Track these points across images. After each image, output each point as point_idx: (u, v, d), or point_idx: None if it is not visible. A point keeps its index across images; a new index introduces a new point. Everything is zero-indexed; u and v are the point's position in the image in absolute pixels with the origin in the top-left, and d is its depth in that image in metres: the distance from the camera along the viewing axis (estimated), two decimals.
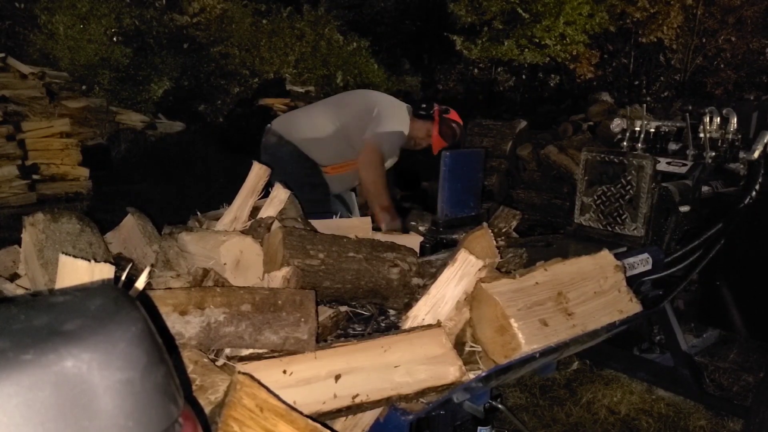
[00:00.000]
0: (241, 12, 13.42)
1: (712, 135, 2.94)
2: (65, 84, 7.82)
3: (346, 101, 3.13)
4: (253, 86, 12.52)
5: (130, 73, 11.05)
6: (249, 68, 12.93)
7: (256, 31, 13.49)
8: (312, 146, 2.93)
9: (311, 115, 3.03)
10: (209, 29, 12.82)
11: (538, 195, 6.33)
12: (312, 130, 2.93)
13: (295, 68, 13.64)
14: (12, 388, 0.52)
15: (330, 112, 2.99)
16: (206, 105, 11.99)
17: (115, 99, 10.36)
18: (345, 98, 3.21)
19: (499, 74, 15.32)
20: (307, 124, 2.96)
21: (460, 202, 2.39)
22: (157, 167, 8.36)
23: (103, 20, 11.21)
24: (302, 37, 13.99)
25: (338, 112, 2.98)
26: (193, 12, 12.94)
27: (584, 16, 12.19)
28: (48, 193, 6.60)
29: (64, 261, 1.10)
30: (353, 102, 3.05)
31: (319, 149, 2.94)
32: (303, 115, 3.09)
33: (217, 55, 12.55)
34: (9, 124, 6.36)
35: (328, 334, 1.53)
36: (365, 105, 2.96)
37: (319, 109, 3.10)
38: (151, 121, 10.06)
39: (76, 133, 7.24)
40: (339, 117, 2.96)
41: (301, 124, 2.97)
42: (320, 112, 3.05)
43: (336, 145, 2.94)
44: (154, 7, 12.47)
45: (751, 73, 13.16)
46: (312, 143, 2.92)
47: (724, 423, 2.85)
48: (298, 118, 3.07)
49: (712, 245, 2.67)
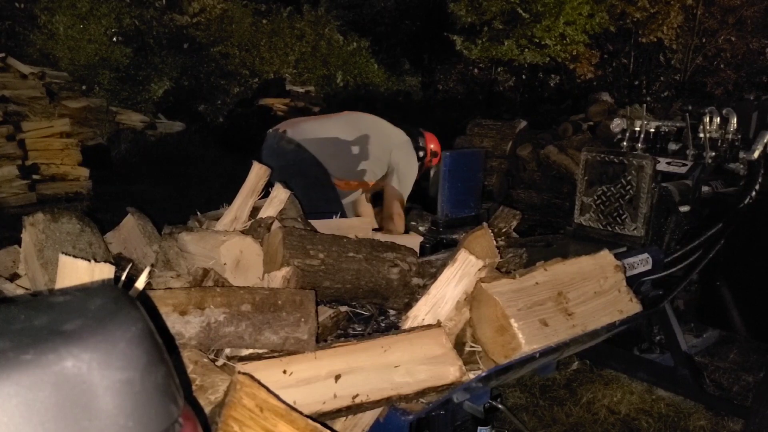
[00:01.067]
0: (241, 12, 13.43)
1: (712, 135, 2.94)
2: (65, 84, 7.82)
3: (363, 127, 3.22)
4: (253, 86, 12.53)
5: (130, 73, 11.07)
6: (249, 68, 12.94)
7: (256, 31, 13.50)
8: (329, 159, 3.05)
9: (327, 130, 3.13)
10: (209, 29, 12.83)
11: (538, 195, 6.33)
12: (329, 145, 3.05)
13: (295, 68, 13.65)
14: (12, 388, 0.52)
15: (347, 133, 3.12)
16: (206, 105, 12.00)
17: (115, 99, 10.37)
18: (361, 123, 3.27)
19: (499, 74, 15.32)
20: (324, 136, 3.08)
21: (460, 202, 2.39)
22: (157, 167, 8.37)
23: (103, 20, 11.22)
24: (302, 37, 14.01)
25: (356, 136, 3.13)
26: (193, 12, 12.95)
27: (584, 16, 12.19)
28: (48, 193, 6.59)
29: (64, 261, 1.10)
30: (373, 134, 3.19)
31: (335, 163, 3.06)
32: (319, 128, 3.16)
33: (217, 55, 12.56)
34: (9, 124, 6.35)
35: (328, 334, 1.53)
36: (383, 145, 3.16)
37: (337, 126, 3.19)
38: (151, 121, 10.06)
39: (76, 133, 7.24)
40: (357, 142, 3.12)
41: (319, 135, 3.07)
42: (338, 129, 3.15)
43: (349, 164, 3.09)
44: (154, 7, 12.48)
45: (751, 73, 13.15)
46: (329, 157, 3.04)
47: (724, 423, 2.85)
48: (316, 130, 3.13)
49: (712, 245, 2.67)
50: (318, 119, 3.49)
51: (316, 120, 3.41)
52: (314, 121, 3.30)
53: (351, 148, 3.09)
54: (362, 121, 3.28)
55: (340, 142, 3.08)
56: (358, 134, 3.12)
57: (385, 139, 3.18)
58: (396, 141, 3.22)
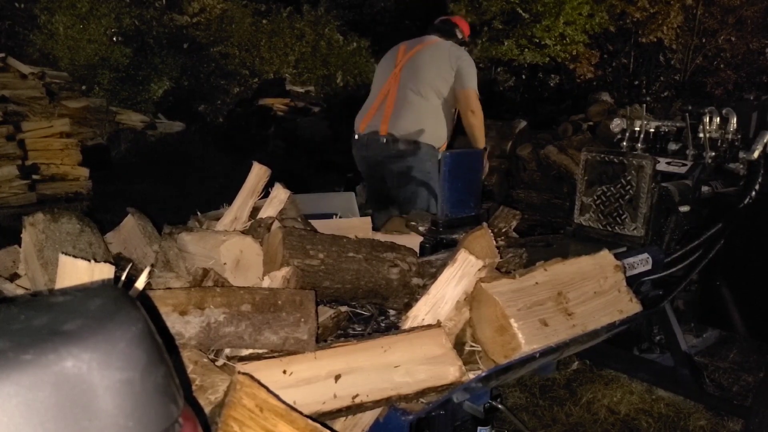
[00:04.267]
0: (241, 12, 13.43)
1: (712, 135, 2.94)
2: (65, 84, 7.81)
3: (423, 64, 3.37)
4: (253, 86, 12.53)
5: (130, 73, 11.06)
6: (249, 68, 12.94)
7: (256, 31, 13.50)
8: (434, 133, 3.24)
9: (414, 107, 3.27)
10: (209, 29, 12.83)
11: (538, 195, 6.33)
12: (427, 119, 3.24)
13: (295, 68, 13.65)
14: (12, 388, 0.52)
15: (423, 90, 3.28)
16: (206, 105, 12.00)
17: (115, 99, 10.37)
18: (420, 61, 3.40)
19: (499, 74, 15.31)
20: (418, 116, 3.25)
21: (460, 202, 2.38)
22: (157, 167, 8.36)
23: (103, 20, 11.22)
24: (302, 37, 14.00)
25: (427, 84, 3.30)
26: (193, 12, 12.95)
27: (584, 16, 12.19)
28: (48, 193, 6.58)
29: (64, 261, 1.10)
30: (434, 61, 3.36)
31: (439, 132, 3.27)
32: (408, 112, 3.27)
33: (217, 55, 12.56)
34: (9, 124, 6.34)
35: (329, 334, 1.53)
36: (448, 60, 3.35)
37: (414, 96, 3.32)
38: (151, 121, 10.06)
39: (76, 133, 7.23)
40: (432, 87, 3.31)
41: (416, 118, 3.23)
42: (417, 97, 3.29)
43: (447, 115, 3.32)
44: (154, 7, 12.48)
45: (751, 73, 13.14)
46: (433, 131, 3.23)
47: (724, 423, 2.85)
48: (410, 114, 3.25)
49: (712, 245, 2.66)
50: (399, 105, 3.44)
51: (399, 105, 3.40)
52: (403, 109, 3.34)
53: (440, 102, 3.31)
54: (422, 58, 3.40)
55: (432, 109, 3.27)
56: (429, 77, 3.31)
57: (445, 64, 3.33)
58: (454, 56, 3.37)
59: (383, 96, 3.42)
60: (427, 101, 3.33)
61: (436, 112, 3.33)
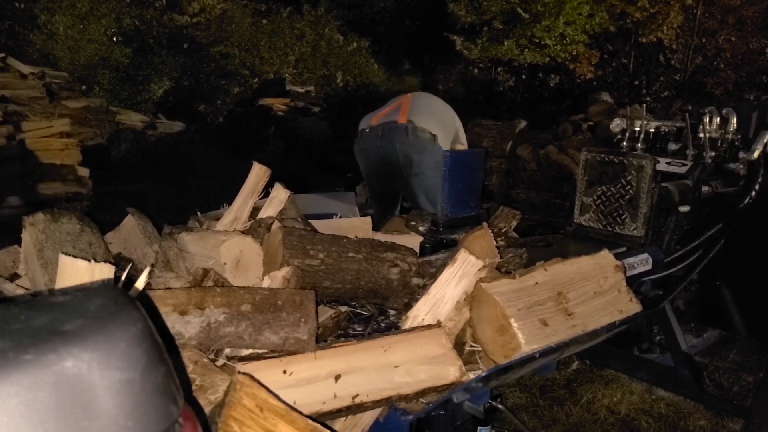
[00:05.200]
0: (241, 12, 13.43)
1: (712, 135, 2.94)
2: (65, 84, 7.81)
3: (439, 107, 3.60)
4: (253, 86, 12.53)
5: (130, 73, 11.06)
6: (249, 68, 12.95)
7: (256, 31, 13.50)
8: (446, 138, 3.40)
9: (433, 112, 3.47)
10: (209, 29, 12.83)
11: (538, 195, 6.32)
12: (442, 122, 3.42)
13: (295, 68, 13.66)
14: (12, 388, 0.52)
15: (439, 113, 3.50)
16: (206, 105, 12.00)
17: (115, 99, 10.36)
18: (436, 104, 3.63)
19: (499, 74, 15.32)
20: (436, 116, 3.43)
21: (460, 202, 2.38)
22: (157, 167, 8.36)
23: (103, 20, 11.22)
24: (302, 37, 14.01)
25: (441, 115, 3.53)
26: (193, 12, 12.95)
27: (584, 16, 12.20)
28: (48, 193, 6.59)
29: (64, 261, 1.10)
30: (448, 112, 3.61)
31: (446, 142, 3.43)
32: (428, 109, 3.46)
33: (217, 55, 12.56)
34: (9, 124, 6.35)
35: (329, 334, 1.53)
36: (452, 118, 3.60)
37: (435, 105, 3.55)
38: (151, 121, 10.06)
39: (76, 133, 7.23)
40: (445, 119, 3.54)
41: (434, 117, 3.40)
42: (436, 108, 3.52)
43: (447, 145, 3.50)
44: (154, 7, 12.48)
45: (751, 73, 13.14)
46: (446, 135, 3.40)
47: (724, 423, 2.85)
48: (429, 111, 3.42)
49: (712, 245, 2.66)
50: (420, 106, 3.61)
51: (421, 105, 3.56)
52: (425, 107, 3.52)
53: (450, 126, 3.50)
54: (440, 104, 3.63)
55: (446, 122, 3.46)
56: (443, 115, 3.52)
57: (453, 117, 3.56)
58: (454, 115, 3.58)
59: (399, 101, 3.57)
60: (443, 114, 3.54)
61: (446, 126, 3.51)
